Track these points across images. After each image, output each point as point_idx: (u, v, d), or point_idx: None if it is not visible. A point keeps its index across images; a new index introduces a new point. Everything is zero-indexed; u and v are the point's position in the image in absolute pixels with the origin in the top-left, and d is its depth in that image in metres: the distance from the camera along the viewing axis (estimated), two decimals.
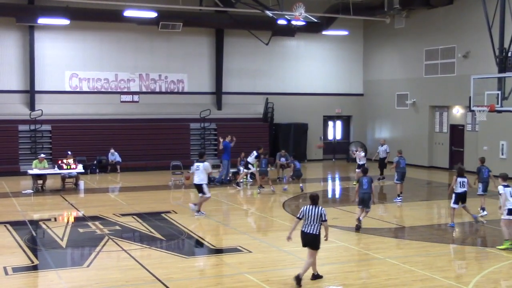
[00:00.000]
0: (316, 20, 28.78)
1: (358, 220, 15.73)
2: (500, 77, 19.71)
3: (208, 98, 31.69)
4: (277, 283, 11.13)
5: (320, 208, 11.11)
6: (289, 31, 30.75)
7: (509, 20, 19.70)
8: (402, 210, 19.21)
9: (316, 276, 11.30)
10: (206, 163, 17.55)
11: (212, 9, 29.10)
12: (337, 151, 34.60)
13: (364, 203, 15.84)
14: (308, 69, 33.72)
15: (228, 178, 24.35)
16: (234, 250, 13.73)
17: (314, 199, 11.23)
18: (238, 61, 32.11)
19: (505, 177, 14.20)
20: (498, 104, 19.39)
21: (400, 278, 11.46)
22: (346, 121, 35.40)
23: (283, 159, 25.29)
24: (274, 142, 31.64)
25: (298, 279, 10.90)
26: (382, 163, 25.33)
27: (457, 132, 29.08)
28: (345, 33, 32.32)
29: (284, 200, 20.51)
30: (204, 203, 17.75)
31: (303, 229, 11.13)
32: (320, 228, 11.07)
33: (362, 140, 34.38)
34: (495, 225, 16.38)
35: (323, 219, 11.03)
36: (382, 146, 25.59)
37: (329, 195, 23.40)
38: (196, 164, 17.54)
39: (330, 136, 35.09)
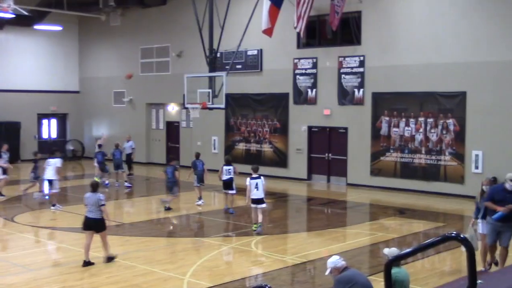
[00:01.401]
0: (26, 13, 27.38)
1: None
2: (210, 76, 20.93)
3: None
4: None
5: (97, 194, 11.98)
6: None
7: (217, 23, 20.99)
8: (121, 207, 19.28)
9: (110, 258, 12.20)
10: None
11: None
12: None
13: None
14: (20, 65, 31.88)
15: None
16: None
17: (93, 186, 12.17)
18: None
19: (255, 169, 15.30)
20: (209, 101, 20.57)
21: (121, 275, 11.50)
22: (62, 119, 34.33)
23: None
24: None
25: (86, 263, 11.89)
26: (129, 159, 24.88)
27: (173, 129, 30.14)
28: (58, 28, 31.30)
29: None
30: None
31: (86, 215, 12.07)
32: (101, 213, 12.00)
33: (79, 138, 33.73)
34: (210, 216, 17.42)
35: (100, 203, 11.92)
36: (128, 142, 25.34)
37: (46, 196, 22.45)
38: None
39: (45, 135, 33.71)
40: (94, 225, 12.02)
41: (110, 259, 12.20)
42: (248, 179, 15.05)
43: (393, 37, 21.96)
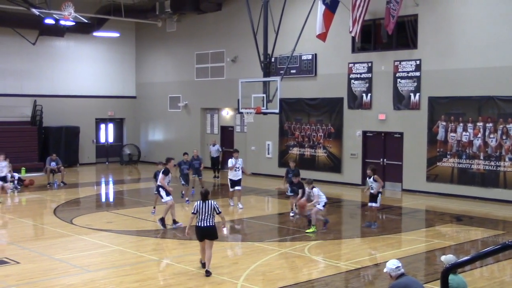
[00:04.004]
0: (86, 21, 28.08)
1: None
2: (265, 81, 20.95)
3: None
4: None
5: (211, 202, 11.92)
6: (58, 31, 29.62)
7: (272, 28, 21.02)
8: (179, 210, 19.44)
9: (208, 272, 11.77)
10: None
11: None
12: (110, 154, 34.09)
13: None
14: (79, 71, 32.72)
15: None
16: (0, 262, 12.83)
17: (204, 195, 11.98)
18: (1, 61, 30.06)
19: (308, 183, 16.02)
20: (263, 106, 20.59)
21: (175, 278, 11.62)
22: (119, 123, 35.03)
23: (53, 164, 24.33)
24: (44, 146, 30.20)
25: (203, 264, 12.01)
26: (215, 162, 25.85)
27: (227, 133, 30.32)
28: (116, 35, 31.97)
29: (55, 206, 19.68)
30: None
31: (198, 224, 11.89)
32: (214, 220, 11.93)
33: (135, 142, 34.30)
34: (263, 220, 17.43)
35: (218, 211, 11.93)
36: (214, 145, 25.92)
37: (103, 199, 22.94)
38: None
39: (102, 139, 34.44)
40: (207, 233, 11.83)
41: (208, 273, 11.73)
42: (315, 188, 15.92)
43: (451, 40, 21.54)
